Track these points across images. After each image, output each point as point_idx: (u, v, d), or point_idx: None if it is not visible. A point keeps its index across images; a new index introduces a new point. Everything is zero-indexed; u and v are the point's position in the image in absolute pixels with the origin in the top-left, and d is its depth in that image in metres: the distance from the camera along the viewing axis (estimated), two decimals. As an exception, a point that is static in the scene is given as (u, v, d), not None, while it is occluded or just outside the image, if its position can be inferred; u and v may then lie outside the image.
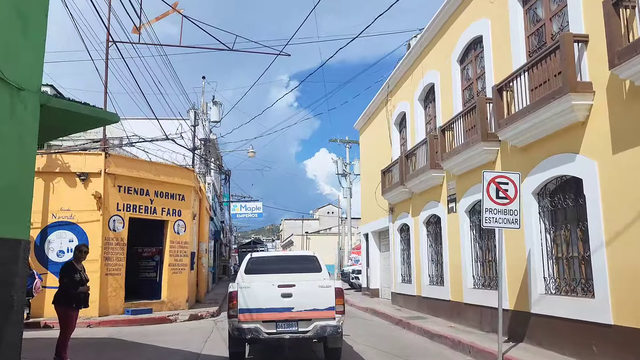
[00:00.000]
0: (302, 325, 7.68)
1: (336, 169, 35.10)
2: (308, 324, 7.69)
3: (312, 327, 7.67)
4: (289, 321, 7.69)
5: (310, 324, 7.69)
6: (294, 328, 7.66)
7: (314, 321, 7.68)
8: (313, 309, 7.70)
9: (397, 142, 18.14)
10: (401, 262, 17.37)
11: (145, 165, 15.50)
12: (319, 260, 8.87)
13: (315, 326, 7.66)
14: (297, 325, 7.68)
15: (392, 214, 18.09)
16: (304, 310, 7.68)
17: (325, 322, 7.69)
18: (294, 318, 7.67)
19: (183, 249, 16.39)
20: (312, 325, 7.68)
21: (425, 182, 14.16)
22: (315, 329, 7.66)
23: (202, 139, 19.38)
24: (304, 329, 7.68)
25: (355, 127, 23.93)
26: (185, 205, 16.59)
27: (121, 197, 14.71)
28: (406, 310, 15.58)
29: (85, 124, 6.12)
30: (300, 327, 7.68)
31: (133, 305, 14.75)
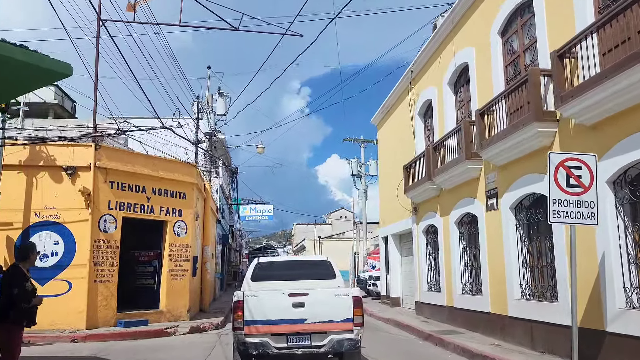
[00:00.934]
0: (316, 339, 6.99)
1: (350, 169, 33.32)
2: (323, 338, 6.99)
3: (328, 341, 6.97)
4: (301, 334, 6.99)
5: (325, 337, 7.00)
6: (306, 342, 6.98)
7: (330, 334, 7.01)
8: (328, 321, 7.00)
9: (421, 135, 16.34)
10: (427, 268, 15.53)
11: (141, 158, 13.87)
12: (332, 266, 8.19)
13: (331, 340, 6.97)
14: (310, 339, 6.99)
15: (416, 214, 16.27)
16: (318, 322, 6.99)
17: (342, 336, 6.99)
18: (306, 331, 6.97)
19: (184, 253, 14.71)
20: (328, 339, 6.99)
21: (458, 176, 12.35)
22: (330, 343, 6.96)
23: (206, 133, 17.77)
24: (318, 343, 6.98)
25: (373, 122, 22.17)
26: (187, 204, 14.93)
27: (114, 194, 13.08)
28: (435, 323, 13.72)
29: (24, 77, 4.44)
30: (314, 341, 6.98)
31: (126, 316, 13.08)
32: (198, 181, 15.80)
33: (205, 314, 16.76)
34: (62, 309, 12.00)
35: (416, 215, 16.30)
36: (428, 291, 15.25)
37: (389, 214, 19.93)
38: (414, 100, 16.54)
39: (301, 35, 11.91)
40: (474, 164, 11.55)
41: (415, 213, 16.33)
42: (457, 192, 12.88)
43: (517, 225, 10.21)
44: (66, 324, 12.02)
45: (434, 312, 14.50)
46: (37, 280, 12.12)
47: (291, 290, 7.21)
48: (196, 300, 16.54)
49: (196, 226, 16.10)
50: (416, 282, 16.33)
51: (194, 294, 15.67)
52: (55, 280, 12.17)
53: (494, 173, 10.96)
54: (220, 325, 14.46)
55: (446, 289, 13.61)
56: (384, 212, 21.00)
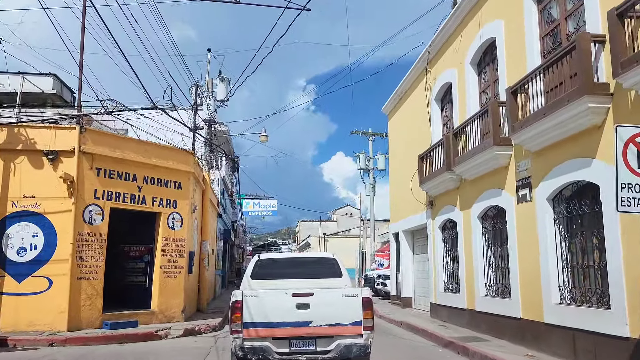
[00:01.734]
0: (321, 344, 6.46)
1: (358, 163, 32.02)
2: (329, 342, 6.47)
3: (335, 346, 6.44)
4: (306, 338, 6.46)
5: (331, 342, 6.48)
6: (311, 347, 6.43)
7: (337, 339, 6.47)
8: (335, 324, 6.46)
9: (438, 122, 15.02)
10: (444, 267, 14.23)
11: (131, 143, 12.61)
12: (339, 264, 7.74)
13: (339, 345, 6.42)
14: (315, 344, 6.45)
15: (432, 208, 14.96)
16: (324, 325, 6.45)
17: (350, 340, 6.45)
18: (311, 334, 6.44)
19: (179, 248, 13.46)
20: (335, 343, 6.46)
21: (483, 165, 11.03)
22: (338, 348, 6.41)
23: (206, 120, 16.48)
24: (324, 348, 6.44)
25: (384, 111, 20.85)
26: (182, 194, 13.67)
27: (100, 182, 11.84)
28: (454, 328, 12.43)
29: None
30: (320, 345, 6.45)
31: (114, 316, 11.85)
32: (195, 170, 14.55)
33: (202, 315, 15.53)
34: (41, 309, 10.82)
35: (432, 209, 14.99)
36: (445, 292, 13.96)
37: (400, 209, 18.64)
38: (431, 84, 15.22)
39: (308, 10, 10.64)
40: (502, 150, 10.23)
41: (430, 207, 15.02)
42: (481, 183, 11.57)
43: (555, 218, 8.88)
44: (45, 325, 10.82)
45: (451, 316, 13.21)
46: (14, 276, 11.01)
47: (295, 289, 6.68)
48: (193, 300, 15.31)
49: (193, 219, 14.85)
50: (431, 282, 15.04)
51: (190, 292, 14.43)
52: (34, 276, 10.95)
53: (527, 160, 9.64)
54: (217, 327, 13.23)
55: (467, 291, 12.31)
56: (394, 207, 19.70)
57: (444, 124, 14.82)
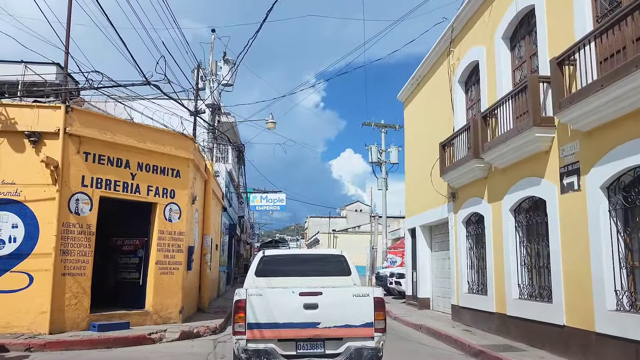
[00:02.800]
0: (330, 346, 6.13)
1: (370, 156, 30.66)
2: (338, 345, 6.13)
3: (344, 349, 6.11)
4: (314, 340, 6.12)
5: (341, 344, 6.13)
6: (319, 350, 6.12)
7: (347, 341, 6.14)
8: (345, 325, 6.12)
9: (462, 106, 13.68)
10: (468, 266, 12.91)
11: (124, 126, 11.41)
12: (347, 261, 7.50)
13: (349, 348, 6.09)
14: (323, 346, 6.12)
15: (454, 201, 13.64)
16: (333, 326, 6.12)
17: (360, 343, 6.11)
18: (320, 336, 6.11)
19: (176, 242, 12.26)
20: (344, 346, 6.12)
21: (518, 150, 9.70)
22: (348, 351, 6.09)
23: (209, 105, 15.22)
24: (333, 351, 6.12)
25: (399, 99, 19.51)
26: (181, 183, 12.47)
27: (88, 167, 10.67)
28: (481, 334, 11.13)
29: None
30: (328, 348, 6.13)
31: (103, 317, 10.69)
32: (196, 157, 13.33)
33: (203, 315, 14.34)
34: (19, 309, 9.69)
35: (454, 202, 13.67)
36: (469, 293, 12.65)
37: (416, 202, 17.32)
38: (454, 65, 13.87)
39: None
40: (544, 132, 8.90)
41: (453, 199, 13.70)
42: (515, 171, 10.23)
43: (610, 210, 7.54)
44: (24, 327, 9.68)
45: (477, 320, 11.91)
46: (-9, 272, 9.90)
47: (302, 288, 6.32)
48: (192, 299, 14.12)
49: (193, 211, 13.66)
50: (452, 281, 13.73)
51: (189, 291, 13.24)
52: (13, 272, 9.81)
53: (574, 142, 8.30)
54: (218, 329, 12.03)
55: (496, 292, 11.00)
56: (410, 200, 18.38)
57: (469, 109, 13.48)
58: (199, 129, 15.10)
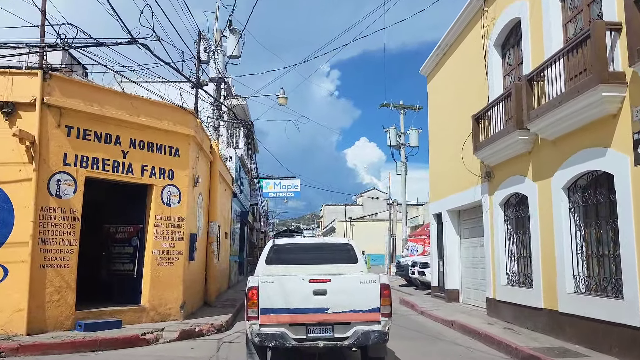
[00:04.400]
0: (338, 331, 6.33)
1: (388, 139, 29.07)
2: (346, 329, 6.33)
3: (352, 333, 6.29)
4: (323, 325, 6.32)
5: (349, 328, 6.33)
6: (328, 334, 6.29)
7: (354, 325, 6.33)
8: (353, 310, 6.32)
9: (498, 73, 12.01)
10: (507, 254, 11.34)
11: (114, 97, 9.99)
12: (355, 249, 7.70)
13: (356, 332, 6.28)
14: (332, 330, 6.31)
15: (490, 181, 12.04)
16: (341, 311, 6.31)
17: (368, 327, 6.30)
18: (328, 321, 6.30)
19: (176, 229, 10.89)
20: (352, 330, 6.31)
21: (578, 115, 8.05)
22: (355, 335, 6.28)
23: (213, 79, 13.72)
24: (341, 334, 6.31)
25: (422, 72, 17.84)
26: (180, 163, 11.06)
27: (72, 144, 9.30)
28: (526, 332, 9.60)
29: None
30: (337, 332, 6.32)
31: (91, 315, 9.38)
32: (198, 134, 11.90)
33: (209, 310, 12.99)
34: (-7, 306, 8.39)
35: (489, 182, 12.07)
36: (509, 285, 11.09)
37: (443, 185, 15.73)
38: (489, 27, 12.18)
39: None
40: (612, 91, 7.26)
41: (488, 179, 12.09)
42: (571, 142, 8.60)
43: None
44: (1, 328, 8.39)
45: (519, 316, 10.36)
46: (-40, 263, 8.61)
47: (312, 276, 6.60)
48: (197, 292, 12.77)
49: (196, 195, 12.26)
50: (487, 272, 12.18)
51: (191, 283, 11.89)
52: (-16, 264, 8.52)
53: (656, 100, 6.66)
54: (224, 327, 10.67)
55: (544, 285, 9.44)
56: (436, 183, 16.79)
57: (506, 75, 11.81)
58: (202, 105, 13.68)
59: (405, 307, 15.73)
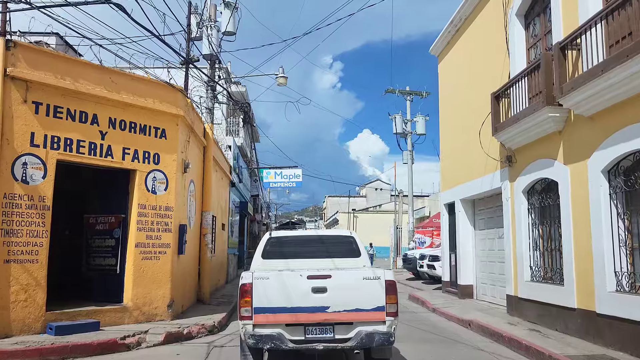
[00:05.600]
0: (340, 331, 5.78)
1: (394, 127, 27.91)
2: (348, 330, 5.79)
3: (355, 334, 5.75)
4: (322, 325, 5.78)
5: (351, 329, 5.79)
6: (328, 334, 5.76)
7: (357, 325, 5.79)
8: (355, 310, 5.79)
9: (521, 46, 10.81)
10: (531, 247, 10.20)
11: (90, 70, 8.84)
12: (357, 242, 7.21)
13: (359, 332, 5.74)
14: (333, 331, 5.78)
15: (511, 166, 10.88)
16: (343, 310, 5.78)
17: (372, 328, 5.76)
18: (329, 321, 5.77)
19: (163, 220, 9.78)
20: (355, 331, 5.77)
21: (626, 84, 6.87)
22: (358, 336, 5.72)
23: (206, 56, 12.55)
24: (343, 335, 5.76)
25: (432, 52, 16.62)
26: (168, 146, 9.94)
27: (41, 122, 8.17)
28: (556, 336, 8.48)
29: None
30: (338, 333, 5.78)
31: (64, 316, 8.30)
32: (188, 115, 10.76)
33: (202, 308, 11.93)
34: (-52, 307, 7.32)
35: (510, 167, 10.91)
36: (533, 282, 9.96)
37: (456, 172, 14.59)
38: (510, -5, 10.97)
39: None
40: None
41: (508, 164, 10.93)
42: (613, 117, 7.43)
43: None
44: (-45, 331, 7.32)
45: (546, 316, 9.24)
46: None
47: (310, 271, 6.04)
48: (188, 289, 11.68)
49: (187, 182, 11.15)
50: (508, 266, 11.05)
51: (181, 279, 10.80)
52: (-61, 259, 7.44)
53: None
54: (217, 328, 9.61)
55: (577, 282, 8.31)
56: (447, 170, 15.64)
57: (530, 48, 10.61)
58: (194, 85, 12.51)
59: (415, 303, 14.65)
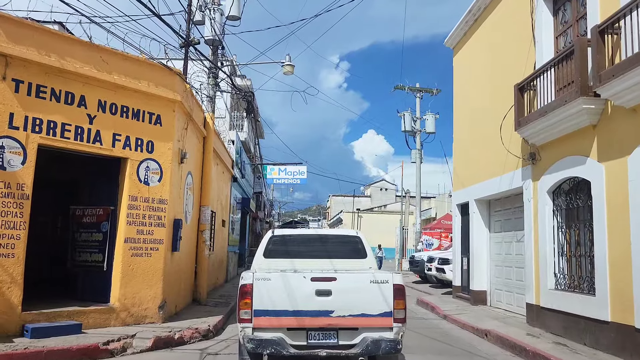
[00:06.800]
0: (344, 337, 5.54)
1: (403, 124, 27.07)
2: (353, 335, 5.55)
3: (360, 340, 5.50)
4: (326, 330, 5.53)
5: (356, 335, 5.55)
6: (332, 340, 5.50)
7: (362, 331, 5.55)
8: (361, 314, 5.56)
9: (548, 33, 9.96)
10: (556, 252, 9.36)
11: (79, 47, 8.06)
12: (363, 243, 6.93)
13: (365, 339, 5.48)
14: (337, 337, 5.52)
15: (534, 163, 10.04)
16: (348, 315, 5.55)
17: (378, 334, 5.51)
18: (332, 326, 5.54)
19: (156, 213, 8.99)
20: (360, 337, 5.52)
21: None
22: (364, 342, 5.46)
23: (208, 40, 11.74)
24: (347, 342, 5.52)
25: (448, 44, 15.77)
26: (163, 133, 9.15)
27: (21, 102, 7.39)
28: (587, 351, 7.63)
29: None
30: (342, 339, 5.53)
31: (43, 317, 7.52)
32: (186, 101, 9.97)
33: (198, 309, 11.14)
34: None
35: (534, 165, 10.07)
36: (558, 290, 9.12)
37: (470, 171, 13.75)
38: (537, -22, 10.12)
39: None
40: None
41: (532, 162, 10.09)
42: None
43: None
44: None
45: (572, 328, 8.40)
46: None
47: (314, 273, 5.78)
48: (183, 288, 10.88)
49: (183, 174, 10.37)
50: (527, 272, 10.22)
51: (175, 278, 10.01)
52: None
53: None
54: (212, 332, 8.81)
55: (612, 292, 7.47)
56: (461, 169, 14.80)
57: (560, 35, 9.77)
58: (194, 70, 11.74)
59: (424, 308, 13.82)
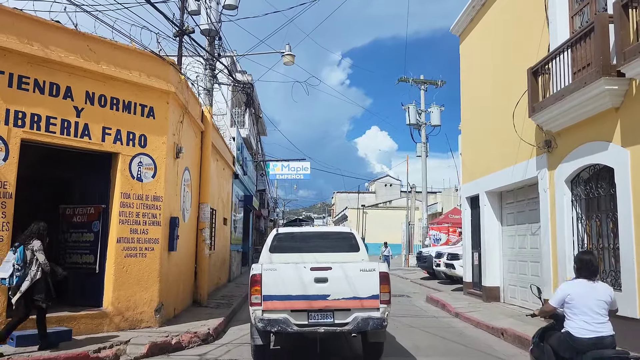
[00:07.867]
0: (339, 317, 6.46)
1: (407, 118, 26.48)
2: (346, 315, 6.46)
3: (352, 319, 6.43)
4: (324, 311, 6.46)
5: (349, 314, 6.46)
6: (329, 319, 6.44)
7: (354, 312, 6.46)
8: (353, 297, 6.48)
9: (563, 12, 9.39)
10: (576, 244, 8.82)
11: (63, 35, 7.55)
12: (356, 238, 7.81)
13: (356, 318, 6.42)
14: (333, 317, 6.45)
15: (551, 151, 9.49)
16: (342, 298, 6.46)
17: (367, 314, 6.45)
18: (329, 307, 6.45)
19: (150, 211, 8.49)
20: (352, 316, 6.44)
21: None
22: (355, 321, 6.41)
23: (205, 30, 11.22)
24: (342, 320, 6.45)
25: (454, 32, 15.21)
26: (156, 127, 8.64)
27: (2, 94, 6.91)
28: (614, 350, 7.09)
29: None
30: (337, 318, 6.46)
31: (29, 323, 7.01)
32: (181, 93, 9.46)
33: (198, 311, 10.64)
34: None
35: (549, 153, 9.52)
36: (579, 285, 8.56)
37: (481, 162, 13.20)
38: (549, -45, 9.55)
39: None
40: None
41: (547, 149, 9.54)
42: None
43: None
44: None
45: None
46: None
47: (313, 263, 6.69)
48: (182, 290, 10.38)
49: (180, 170, 9.86)
50: (544, 266, 9.69)
51: (173, 279, 9.51)
52: None
53: None
54: (212, 336, 8.31)
55: (639, 288, 6.93)
56: (470, 161, 14.25)
57: (575, 15, 9.21)
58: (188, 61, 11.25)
59: (434, 306, 13.28)
